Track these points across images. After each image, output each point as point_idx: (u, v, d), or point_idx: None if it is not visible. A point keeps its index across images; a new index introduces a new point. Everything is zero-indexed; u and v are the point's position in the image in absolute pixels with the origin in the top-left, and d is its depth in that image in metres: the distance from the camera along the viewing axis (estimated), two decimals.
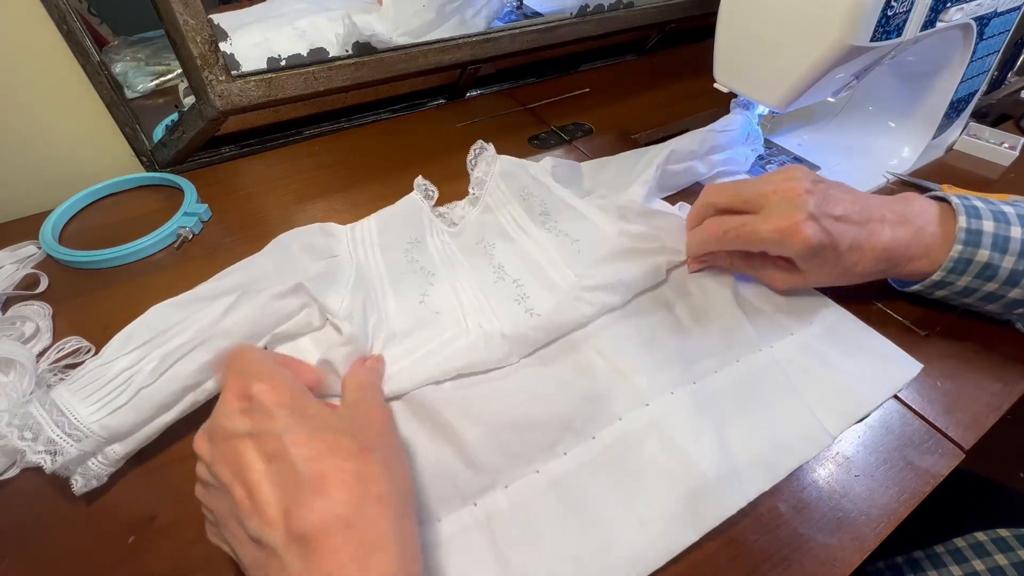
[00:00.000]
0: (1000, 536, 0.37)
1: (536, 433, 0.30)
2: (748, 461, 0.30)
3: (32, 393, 0.31)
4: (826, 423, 0.32)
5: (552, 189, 0.46)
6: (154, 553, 0.27)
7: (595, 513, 0.28)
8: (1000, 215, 0.33)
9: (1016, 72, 0.65)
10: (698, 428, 0.31)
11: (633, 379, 0.33)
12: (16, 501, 0.29)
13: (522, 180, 0.46)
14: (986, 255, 0.33)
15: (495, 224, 0.44)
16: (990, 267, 0.33)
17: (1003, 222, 0.33)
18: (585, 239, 0.42)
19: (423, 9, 0.58)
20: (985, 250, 0.33)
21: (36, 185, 0.49)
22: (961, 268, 0.33)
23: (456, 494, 0.28)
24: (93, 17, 0.47)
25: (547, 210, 0.44)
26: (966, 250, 0.33)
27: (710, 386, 0.33)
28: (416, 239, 0.42)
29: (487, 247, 0.42)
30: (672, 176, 0.49)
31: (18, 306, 0.38)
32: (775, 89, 0.42)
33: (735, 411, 0.32)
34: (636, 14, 0.69)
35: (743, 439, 0.31)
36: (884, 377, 0.35)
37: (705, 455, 0.29)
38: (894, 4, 0.36)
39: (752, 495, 0.28)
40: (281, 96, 0.50)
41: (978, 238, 0.33)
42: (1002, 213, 0.33)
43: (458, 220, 0.45)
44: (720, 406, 0.32)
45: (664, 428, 0.31)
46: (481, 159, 0.48)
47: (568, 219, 0.44)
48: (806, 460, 0.30)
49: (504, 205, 0.45)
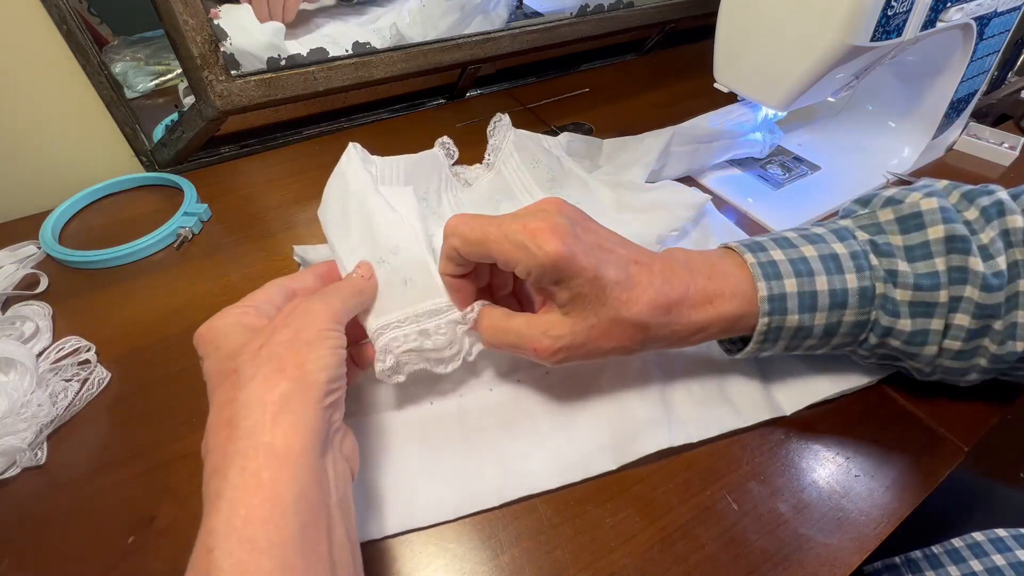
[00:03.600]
0: (998, 536, 0.37)
1: (498, 361, 0.34)
2: (683, 415, 0.32)
3: (33, 393, 0.31)
4: (780, 398, 0.33)
5: (563, 161, 0.48)
6: (154, 553, 0.27)
7: (532, 429, 0.32)
8: (798, 261, 0.29)
9: (1016, 72, 0.65)
10: (644, 382, 0.33)
11: None
12: (16, 501, 0.29)
13: (534, 151, 0.47)
14: (795, 320, 0.28)
15: (504, 185, 0.47)
16: (803, 329, 0.29)
17: (806, 274, 0.28)
18: (585, 204, 0.43)
19: (449, 10, 0.59)
20: (794, 315, 0.28)
21: (36, 185, 0.49)
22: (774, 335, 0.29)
23: (417, 393, 0.33)
24: (93, 17, 0.47)
25: (554, 177, 0.46)
26: (773, 319, 0.28)
27: (669, 352, 0.35)
28: (432, 190, 0.44)
29: (495, 204, 0.45)
30: (680, 159, 0.49)
31: (18, 306, 0.38)
32: (775, 89, 0.42)
33: (686, 376, 0.34)
34: (636, 14, 0.69)
35: (686, 398, 0.33)
36: (852, 369, 0.35)
37: (642, 402, 0.32)
38: (894, 4, 0.36)
39: (676, 442, 0.31)
40: (281, 96, 0.50)
41: (783, 302, 0.28)
42: (801, 258, 0.29)
43: (472, 180, 0.48)
44: (673, 370, 0.34)
45: (614, 376, 0.33)
46: (498, 128, 0.49)
47: (572, 187, 0.46)
48: (749, 424, 0.32)
49: (515, 171, 0.47)
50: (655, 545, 0.27)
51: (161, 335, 0.37)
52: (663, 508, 0.29)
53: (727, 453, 0.31)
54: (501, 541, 0.28)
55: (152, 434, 0.32)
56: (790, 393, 0.34)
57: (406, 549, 0.27)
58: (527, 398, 0.33)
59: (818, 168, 0.54)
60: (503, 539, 0.28)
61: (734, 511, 0.29)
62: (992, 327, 0.28)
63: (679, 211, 0.43)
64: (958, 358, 0.29)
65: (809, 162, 0.55)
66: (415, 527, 0.28)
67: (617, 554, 0.27)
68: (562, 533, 0.28)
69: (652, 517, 0.28)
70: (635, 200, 0.45)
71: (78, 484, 0.30)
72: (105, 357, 0.36)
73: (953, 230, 0.28)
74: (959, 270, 0.28)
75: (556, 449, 0.31)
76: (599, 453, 0.31)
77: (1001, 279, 0.27)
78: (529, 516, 0.29)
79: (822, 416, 0.33)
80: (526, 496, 0.29)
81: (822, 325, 0.29)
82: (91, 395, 0.33)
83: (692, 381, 0.34)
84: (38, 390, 0.32)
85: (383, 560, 0.27)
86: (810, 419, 0.33)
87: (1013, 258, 0.28)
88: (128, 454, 0.31)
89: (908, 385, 0.34)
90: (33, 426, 0.30)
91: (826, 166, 0.54)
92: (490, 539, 0.28)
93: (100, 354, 0.36)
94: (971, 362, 0.29)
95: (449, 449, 0.31)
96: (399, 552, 0.27)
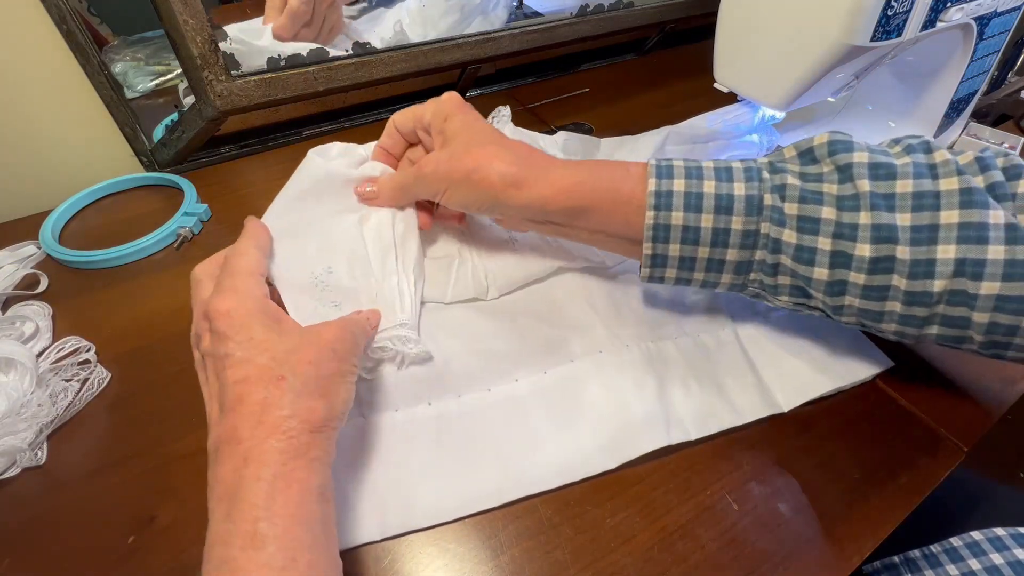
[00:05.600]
0: (996, 535, 0.37)
1: (495, 362, 0.34)
2: (682, 414, 0.32)
3: (33, 393, 0.31)
4: (777, 395, 0.33)
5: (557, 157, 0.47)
6: (155, 553, 0.27)
7: (531, 429, 0.32)
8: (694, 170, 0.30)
9: (1016, 72, 0.65)
10: (641, 380, 0.33)
11: (594, 330, 0.36)
12: (17, 501, 0.29)
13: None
14: (680, 217, 0.29)
15: None
16: (688, 229, 0.29)
17: (695, 178, 0.29)
18: None
19: (449, 10, 0.59)
20: (679, 211, 0.29)
21: (36, 185, 0.49)
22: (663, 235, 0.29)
23: (415, 393, 0.32)
24: (93, 17, 0.47)
25: None
26: (659, 215, 0.29)
27: (666, 350, 0.36)
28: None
29: None
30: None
31: (18, 306, 0.38)
32: (775, 89, 0.42)
33: (683, 374, 0.34)
34: (636, 14, 0.69)
35: (684, 397, 0.33)
36: (848, 365, 0.35)
37: (640, 401, 0.32)
38: (894, 4, 0.36)
39: (675, 440, 0.31)
40: (281, 96, 0.50)
41: (669, 199, 0.29)
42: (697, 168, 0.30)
43: None
44: (670, 368, 0.35)
45: (611, 375, 0.34)
46: (497, 120, 0.49)
47: None
48: (746, 421, 0.32)
49: None
50: (655, 545, 0.27)
51: (161, 335, 0.37)
52: (663, 508, 0.29)
53: (727, 453, 0.31)
54: (501, 541, 0.28)
55: (152, 434, 0.32)
56: (787, 390, 0.34)
57: (406, 549, 0.27)
58: (525, 398, 0.33)
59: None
60: (503, 539, 0.28)
61: (734, 511, 0.29)
62: (896, 258, 0.27)
63: None
64: (867, 296, 0.28)
65: None
66: (415, 528, 0.28)
67: (617, 554, 0.27)
68: (562, 533, 0.28)
69: (652, 517, 0.28)
70: None
71: (78, 484, 0.30)
72: (105, 357, 0.36)
73: (849, 158, 0.28)
74: (852, 198, 0.28)
75: (555, 449, 0.31)
76: (598, 452, 0.31)
77: (905, 201, 0.27)
78: (529, 516, 0.29)
79: (822, 416, 0.33)
80: (526, 496, 0.29)
81: (709, 228, 0.29)
82: (91, 395, 0.33)
83: (690, 379, 0.34)
84: (38, 390, 0.32)
85: (384, 560, 0.27)
86: (810, 419, 0.33)
87: (936, 188, 0.27)
88: (128, 454, 0.31)
89: (908, 385, 0.34)
90: (33, 426, 0.30)
91: None
92: (490, 539, 0.28)
93: (100, 354, 0.36)
94: (884, 305, 0.28)
95: (448, 449, 0.31)
96: (400, 552, 0.27)
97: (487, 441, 0.31)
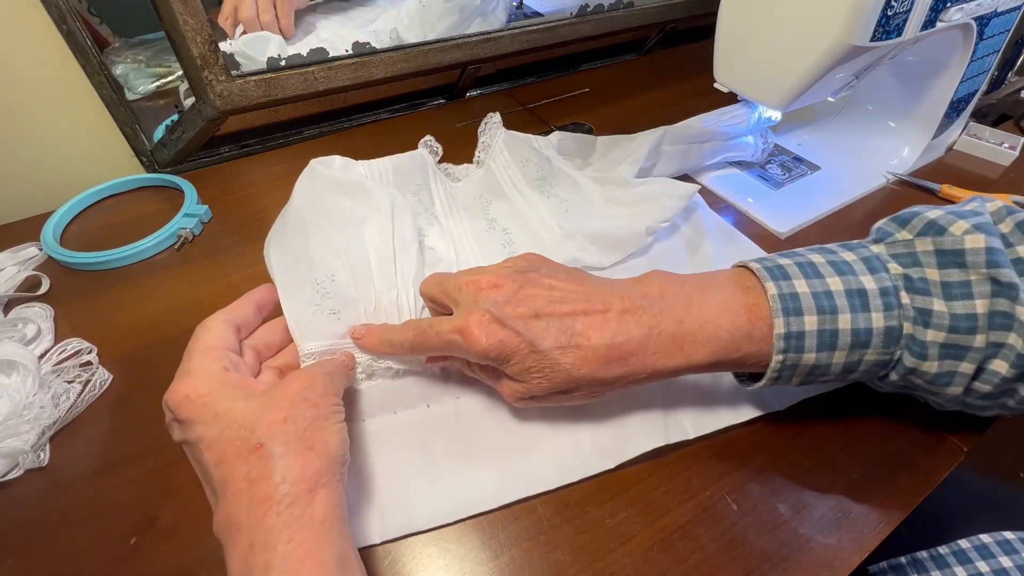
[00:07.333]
0: (1005, 539, 0.37)
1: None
2: (679, 413, 0.33)
3: (35, 394, 0.32)
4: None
5: (552, 161, 0.48)
6: (156, 554, 0.27)
7: (530, 430, 0.32)
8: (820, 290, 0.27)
9: (1016, 72, 0.65)
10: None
11: None
12: (19, 503, 0.29)
13: (524, 151, 0.48)
14: (812, 359, 0.26)
15: (494, 183, 0.47)
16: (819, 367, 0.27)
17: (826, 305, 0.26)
18: (574, 200, 0.46)
19: (447, 11, 0.59)
20: (811, 353, 0.26)
21: (37, 187, 0.49)
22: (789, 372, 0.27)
23: (414, 395, 0.33)
24: (93, 17, 0.46)
25: (543, 176, 0.47)
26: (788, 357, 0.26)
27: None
28: (422, 185, 0.45)
29: (484, 203, 0.46)
30: (671, 159, 0.49)
31: (20, 308, 0.38)
32: (775, 89, 0.42)
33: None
34: (636, 14, 0.69)
35: (682, 397, 0.33)
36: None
37: (639, 401, 0.32)
38: (894, 4, 0.36)
39: (673, 440, 0.31)
40: (281, 96, 0.50)
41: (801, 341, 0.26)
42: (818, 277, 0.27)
43: (461, 177, 0.48)
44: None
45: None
46: (489, 127, 0.50)
47: (562, 185, 0.47)
48: (742, 420, 0.32)
49: (504, 169, 0.48)
50: (655, 545, 0.28)
51: (162, 336, 0.37)
52: (663, 508, 0.29)
53: (726, 453, 0.31)
54: (501, 542, 0.28)
55: (154, 435, 0.32)
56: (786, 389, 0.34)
57: (407, 550, 0.27)
58: None
59: (818, 168, 0.54)
60: (503, 540, 0.28)
61: (734, 511, 0.29)
62: None
63: (668, 202, 0.43)
64: (985, 399, 0.27)
65: (809, 162, 0.55)
66: (415, 530, 0.28)
67: (617, 554, 0.27)
68: (562, 534, 0.28)
69: (652, 517, 0.29)
70: (623, 195, 0.45)
71: (80, 485, 0.30)
72: (107, 358, 0.36)
73: (999, 275, 0.25)
74: (1004, 315, 0.25)
75: (554, 449, 0.31)
76: (597, 453, 0.31)
77: None
78: (529, 517, 0.29)
79: (822, 416, 0.33)
80: (526, 497, 0.29)
81: (841, 363, 0.27)
82: (93, 396, 0.33)
83: (688, 379, 0.34)
84: (40, 392, 0.32)
85: (384, 561, 0.27)
86: (809, 419, 0.33)
87: None
88: (130, 455, 0.31)
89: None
90: (35, 428, 0.31)
91: (826, 166, 0.54)
92: (490, 540, 0.28)
93: (102, 355, 0.36)
94: (997, 402, 0.27)
95: (447, 451, 0.31)
96: (400, 553, 0.27)
97: (486, 442, 0.31)
